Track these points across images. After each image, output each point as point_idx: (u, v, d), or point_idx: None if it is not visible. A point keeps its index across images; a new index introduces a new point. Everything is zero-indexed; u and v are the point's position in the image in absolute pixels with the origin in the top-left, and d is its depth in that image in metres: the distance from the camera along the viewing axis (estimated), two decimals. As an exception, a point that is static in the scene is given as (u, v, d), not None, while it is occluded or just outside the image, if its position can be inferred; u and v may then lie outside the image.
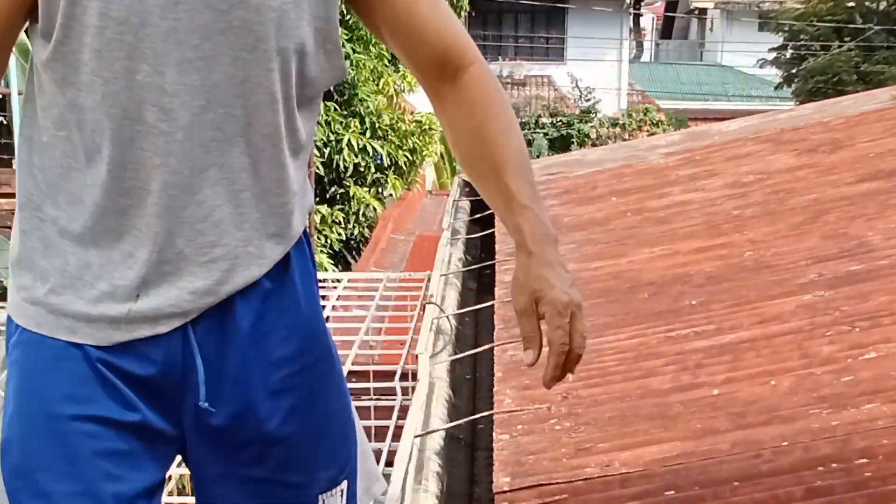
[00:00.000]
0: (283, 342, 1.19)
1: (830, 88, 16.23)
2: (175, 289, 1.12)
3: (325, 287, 3.55)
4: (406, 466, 1.65)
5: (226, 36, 1.06)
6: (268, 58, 1.09)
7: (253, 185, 1.13)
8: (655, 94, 22.63)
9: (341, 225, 9.87)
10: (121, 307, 1.12)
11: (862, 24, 18.25)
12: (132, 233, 1.11)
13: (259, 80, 1.09)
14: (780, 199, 2.94)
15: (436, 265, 2.95)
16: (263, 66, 1.09)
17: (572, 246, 2.94)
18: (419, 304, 2.89)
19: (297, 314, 1.21)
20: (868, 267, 2.22)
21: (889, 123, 3.47)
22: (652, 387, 1.86)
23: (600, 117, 18.82)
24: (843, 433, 1.54)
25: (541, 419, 1.81)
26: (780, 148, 3.56)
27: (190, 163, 1.08)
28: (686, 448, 1.60)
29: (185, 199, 1.09)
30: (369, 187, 10.16)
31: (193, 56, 1.05)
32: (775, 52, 20.09)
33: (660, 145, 4.16)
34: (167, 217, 1.10)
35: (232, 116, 1.09)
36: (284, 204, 1.17)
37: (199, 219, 1.11)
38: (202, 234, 1.12)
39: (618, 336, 2.13)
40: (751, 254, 2.52)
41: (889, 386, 1.66)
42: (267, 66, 1.09)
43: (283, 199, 1.17)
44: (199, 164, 1.09)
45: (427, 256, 4.10)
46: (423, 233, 5.90)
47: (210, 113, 1.07)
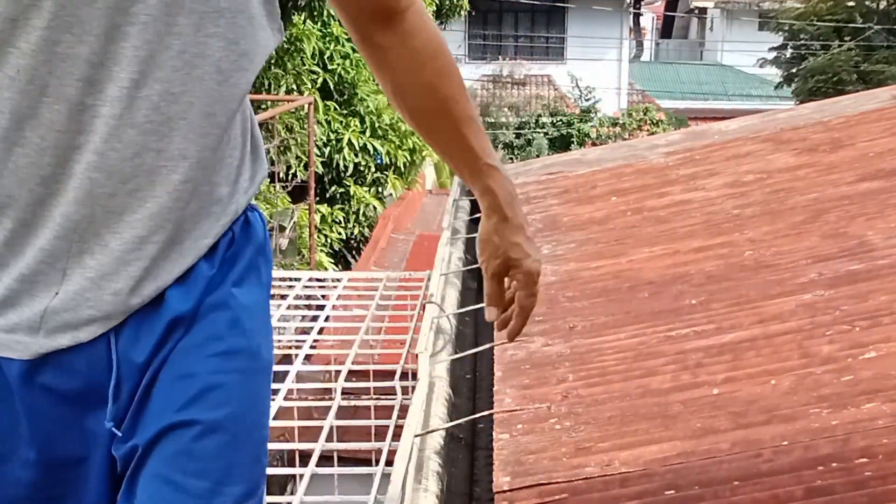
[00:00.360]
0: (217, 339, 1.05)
1: (830, 88, 16.24)
2: (96, 288, 0.98)
3: (326, 287, 3.55)
4: (406, 466, 1.65)
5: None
6: (210, 20, 0.95)
7: (196, 176, 0.99)
8: (655, 93, 22.65)
9: (341, 224, 9.86)
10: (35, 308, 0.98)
11: (862, 23, 18.26)
12: (48, 225, 0.96)
13: (201, 48, 0.95)
14: (780, 199, 2.94)
15: (436, 265, 2.95)
16: (204, 30, 0.95)
17: (572, 245, 2.94)
18: (419, 304, 2.88)
19: (234, 307, 1.07)
20: (868, 267, 2.22)
21: (889, 123, 3.47)
22: (652, 386, 1.86)
23: (600, 117, 18.83)
24: (843, 433, 1.54)
25: (541, 419, 1.81)
26: (780, 147, 3.56)
27: (119, 145, 0.94)
28: (686, 448, 1.60)
29: (112, 187, 0.95)
30: (369, 187, 10.16)
31: (122, 20, 0.91)
32: (775, 51, 20.11)
33: (660, 145, 4.16)
34: (90, 205, 0.95)
35: (171, 94, 0.95)
36: (229, 191, 1.05)
37: (129, 209, 0.97)
38: (132, 228, 0.98)
39: (618, 336, 2.13)
40: (751, 253, 2.52)
41: (889, 385, 1.66)
42: (209, 30, 0.96)
43: (227, 187, 1.05)
44: (130, 148, 0.95)
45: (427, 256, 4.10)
46: (423, 232, 5.90)
47: (144, 89, 0.93)
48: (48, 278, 0.98)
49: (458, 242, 3.23)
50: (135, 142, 0.95)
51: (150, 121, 0.95)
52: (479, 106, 20.52)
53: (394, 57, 1.17)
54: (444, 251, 3.06)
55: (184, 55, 0.95)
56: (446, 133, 1.20)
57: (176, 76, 0.95)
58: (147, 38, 0.92)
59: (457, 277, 2.85)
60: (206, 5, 0.95)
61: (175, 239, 1.01)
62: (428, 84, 1.18)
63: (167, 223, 0.99)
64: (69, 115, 0.93)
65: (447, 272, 2.84)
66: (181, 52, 0.94)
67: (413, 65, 1.17)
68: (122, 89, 0.93)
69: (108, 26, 0.91)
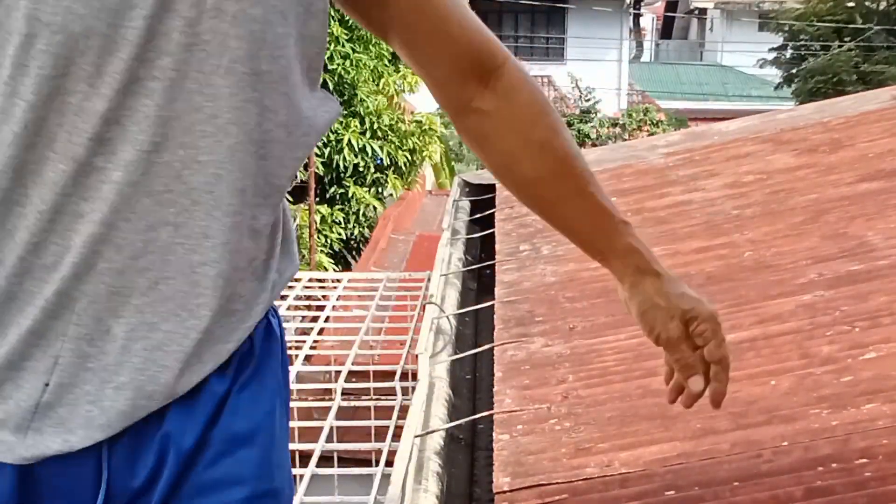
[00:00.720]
0: (237, 483, 0.89)
1: (830, 88, 16.25)
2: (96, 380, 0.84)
3: (326, 287, 3.55)
4: (406, 466, 1.65)
5: (193, 52, 0.80)
6: (248, 84, 0.82)
7: (218, 260, 0.85)
8: (655, 94, 22.67)
9: (341, 225, 9.87)
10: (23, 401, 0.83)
11: (862, 24, 18.26)
12: (36, 302, 0.82)
13: (236, 114, 0.82)
14: (780, 199, 2.94)
15: (436, 265, 2.95)
16: (243, 94, 0.82)
17: (572, 246, 2.93)
18: (419, 304, 2.89)
19: (258, 442, 0.91)
20: (868, 267, 2.22)
21: (889, 123, 3.47)
22: (652, 387, 1.86)
23: (600, 117, 18.83)
24: (843, 433, 1.54)
25: (541, 419, 1.81)
26: (780, 148, 3.56)
27: (131, 215, 0.81)
28: (686, 448, 1.60)
29: (121, 262, 0.82)
30: (369, 187, 10.17)
31: (146, 74, 0.79)
32: (775, 52, 20.12)
33: (660, 145, 4.16)
34: (92, 282, 0.82)
35: (197, 163, 0.81)
36: (254, 287, 0.90)
37: (139, 290, 0.83)
38: (140, 312, 0.84)
39: (618, 336, 2.13)
40: (751, 254, 2.52)
41: (889, 386, 1.66)
42: (247, 94, 0.82)
43: (253, 282, 0.90)
44: (144, 220, 0.82)
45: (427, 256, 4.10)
46: (423, 233, 5.91)
47: (166, 153, 0.81)
48: (37, 365, 0.83)
49: (458, 243, 3.23)
50: (150, 212, 0.82)
51: (169, 190, 0.82)
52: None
53: (499, 121, 1.00)
54: (444, 252, 3.06)
55: (216, 120, 0.82)
56: (574, 198, 1.04)
57: (204, 143, 0.82)
58: (173, 97, 0.80)
59: (457, 278, 2.84)
60: (246, 66, 0.82)
61: (188, 336, 0.86)
62: (543, 144, 1.02)
63: (182, 311, 0.85)
64: (75, 175, 0.80)
65: (447, 273, 2.84)
66: (213, 115, 0.81)
67: (523, 125, 1.01)
68: (140, 152, 0.80)
69: (129, 79, 0.79)
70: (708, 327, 1.04)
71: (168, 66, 0.79)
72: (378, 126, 10.02)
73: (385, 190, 10.26)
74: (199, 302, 0.85)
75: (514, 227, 3.21)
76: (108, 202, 0.81)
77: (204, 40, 0.80)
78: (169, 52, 0.79)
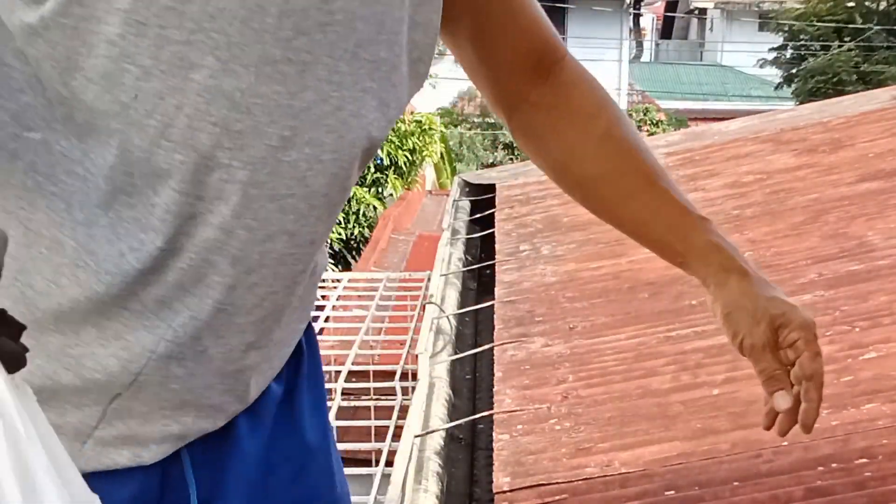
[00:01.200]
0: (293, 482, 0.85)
1: (830, 88, 16.26)
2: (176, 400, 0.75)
3: (325, 287, 3.55)
4: (406, 466, 1.65)
5: (326, 33, 0.69)
6: (365, 73, 0.73)
7: (309, 264, 0.78)
8: (655, 94, 22.67)
9: (341, 225, 9.87)
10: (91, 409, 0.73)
11: (862, 24, 18.27)
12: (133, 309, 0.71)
13: (356, 106, 0.72)
14: (780, 199, 2.94)
15: (436, 265, 2.95)
16: (360, 85, 0.72)
17: (572, 245, 2.94)
18: (419, 304, 2.89)
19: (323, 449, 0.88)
20: (868, 267, 2.22)
21: (889, 123, 3.47)
22: (652, 387, 1.86)
23: (600, 117, 18.81)
24: (843, 433, 1.54)
25: (541, 419, 1.81)
26: (780, 148, 3.56)
27: (252, 222, 0.70)
28: (686, 448, 1.60)
29: (233, 276, 0.71)
30: (369, 187, 10.17)
31: (281, 55, 0.67)
32: (775, 52, 20.12)
33: (660, 145, 4.16)
34: (198, 297, 0.71)
35: (320, 162, 0.71)
36: (315, 285, 0.85)
37: (245, 308, 0.73)
38: (242, 332, 0.74)
39: (618, 336, 2.13)
40: (751, 254, 2.52)
41: (889, 386, 1.66)
42: (363, 85, 0.73)
43: (312, 276, 0.83)
44: (265, 229, 0.71)
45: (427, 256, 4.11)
46: (423, 233, 5.91)
47: (293, 151, 0.70)
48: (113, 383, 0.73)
49: (458, 243, 3.23)
50: (271, 220, 0.71)
51: (292, 194, 0.71)
52: (479, 106, 20.54)
53: (557, 115, 0.94)
54: (444, 251, 3.06)
55: (340, 112, 0.71)
56: (642, 195, 0.94)
57: (329, 139, 0.71)
58: (304, 84, 0.69)
59: (457, 278, 2.84)
60: (367, 52, 0.73)
61: (269, 345, 0.78)
62: (604, 137, 0.93)
63: (276, 327, 0.77)
64: (194, 170, 0.68)
65: (447, 273, 2.84)
66: (338, 108, 0.71)
67: (583, 118, 0.94)
68: (269, 148, 0.69)
69: (263, 58, 0.67)
70: (801, 336, 0.91)
71: (303, 48, 0.68)
72: (378, 126, 10.02)
73: (385, 190, 10.26)
74: (294, 317, 0.79)
75: (514, 227, 3.21)
76: (230, 206, 0.69)
77: (336, 20, 0.69)
78: (305, 31, 0.67)
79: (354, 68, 0.71)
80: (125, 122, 0.66)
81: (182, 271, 0.70)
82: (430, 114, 11.33)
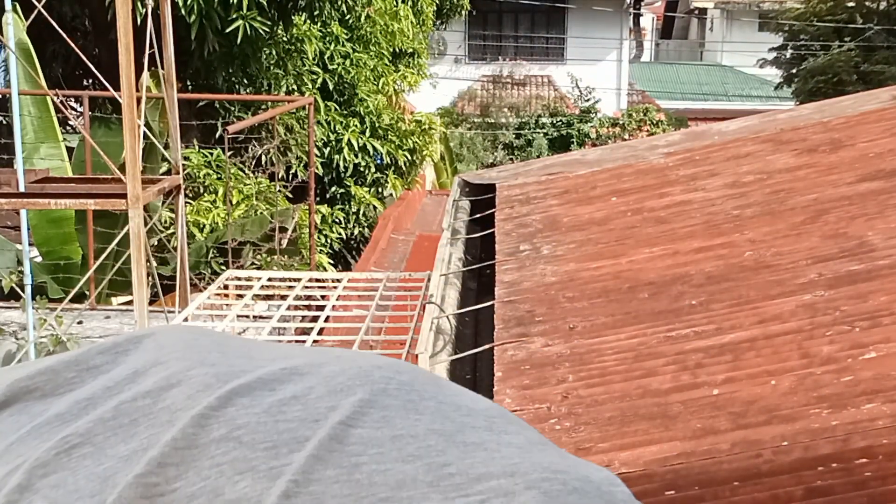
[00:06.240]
0: None
1: (830, 88, 16.27)
2: None
3: (325, 287, 3.55)
4: (406, 466, 1.65)
5: None
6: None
7: None
8: (655, 94, 22.69)
9: (341, 224, 9.88)
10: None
11: (862, 24, 18.27)
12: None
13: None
14: (780, 199, 2.94)
15: (436, 265, 2.95)
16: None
17: (572, 246, 2.94)
18: (419, 304, 2.89)
19: None
20: (868, 267, 2.22)
21: (889, 123, 3.47)
22: (652, 387, 1.86)
23: (600, 117, 18.85)
24: (843, 433, 1.54)
25: (541, 419, 1.81)
26: (780, 148, 3.56)
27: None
28: (686, 448, 1.60)
29: None
30: (369, 187, 10.17)
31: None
32: (775, 52, 20.13)
33: (660, 145, 4.16)
34: None
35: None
36: None
37: None
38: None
39: (618, 336, 2.13)
40: (751, 254, 2.52)
41: (889, 386, 1.66)
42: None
43: None
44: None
45: (427, 256, 4.11)
46: (423, 233, 5.91)
47: None
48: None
49: (458, 243, 3.23)
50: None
51: None
52: (479, 106, 20.54)
53: None
54: (444, 251, 3.06)
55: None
56: None
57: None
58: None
59: (457, 278, 2.84)
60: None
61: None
62: None
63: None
64: None
65: (447, 273, 2.84)
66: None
67: None
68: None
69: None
70: None
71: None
72: (378, 125, 10.02)
73: (385, 190, 10.27)
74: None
75: (514, 227, 3.21)
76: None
77: None
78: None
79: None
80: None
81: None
82: (430, 114, 11.33)
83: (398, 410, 0.46)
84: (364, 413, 0.45)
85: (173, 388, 0.48)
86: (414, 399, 0.47)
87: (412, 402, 0.47)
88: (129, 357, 0.53)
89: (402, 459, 0.42)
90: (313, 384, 0.47)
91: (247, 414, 0.44)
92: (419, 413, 0.46)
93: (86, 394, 0.50)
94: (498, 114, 19.46)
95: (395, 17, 10.79)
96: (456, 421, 0.46)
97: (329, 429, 0.43)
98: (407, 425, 0.45)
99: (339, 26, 9.71)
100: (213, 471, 0.41)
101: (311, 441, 0.43)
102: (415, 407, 0.46)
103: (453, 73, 21.97)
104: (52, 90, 6.15)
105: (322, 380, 0.47)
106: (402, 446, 0.43)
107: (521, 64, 21.54)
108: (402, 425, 0.45)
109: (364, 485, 0.40)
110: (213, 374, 0.48)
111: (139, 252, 4.15)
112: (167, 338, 0.55)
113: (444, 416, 0.46)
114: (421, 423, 0.45)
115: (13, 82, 5.08)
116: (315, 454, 0.42)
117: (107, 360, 0.53)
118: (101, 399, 0.49)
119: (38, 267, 7.00)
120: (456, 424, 0.46)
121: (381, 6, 10.46)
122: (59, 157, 7.33)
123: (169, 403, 0.46)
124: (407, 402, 0.47)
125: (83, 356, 0.54)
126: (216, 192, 8.58)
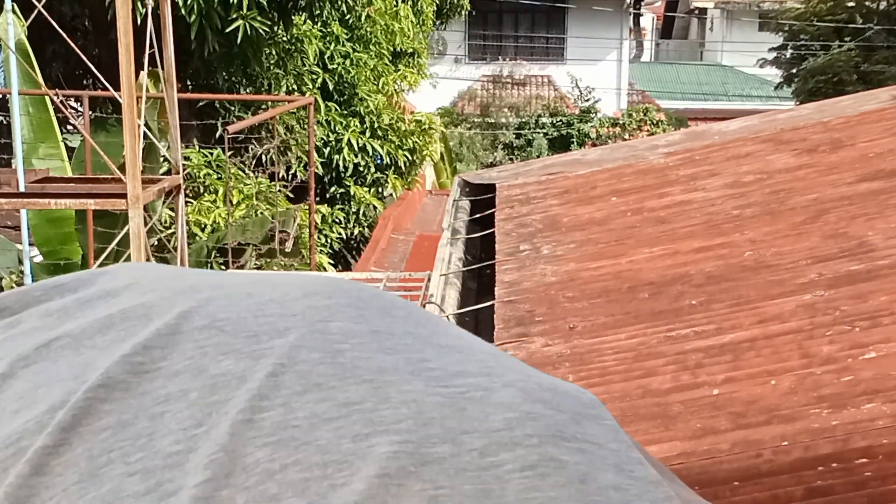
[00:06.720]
0: None
1: (830, 88, 16.27)
2: None
3: (325, 287, 3.55)
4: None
5: None
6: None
7: None
8: (655, 94, 22.70)
9: (341, 224, 9.88)
10: None
11: (862, 24, 18.28)
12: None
13: None
14: (780, 199, 2.94)
15: (436, 265, 2.95)
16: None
17: (572, 246, 2.94)
18: (419, 304, 2.88)
19: None
20: (868, 267, 2.22)
21: (889, 123, 3.47)
22: (652, 387, 1.86)
23: (600, 117, 18.86)
24: (843, 433, 1.54)
25: (541, 419, 1.81)
26: (780, 148, 3.56)
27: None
28: (686, 448, 1.60)
29: None
30: (369, 187, 10.17)
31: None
32: (775, 52, 20.14)
33: (660, 145, 4.16)
34: None
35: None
36: None
37: None
38: None
39: (618, 336, 2.13)
40: (751, 254, 2.52)
41: (889, 386, 1.66)
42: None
43: None
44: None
45: (427, 256, 4.11)
46: (423, 233, 5.91)
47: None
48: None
49: (458, 243, 3.23)
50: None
51: None
52: (479, 106, 20.54)
53: None
54: (444, 251, 3.06)
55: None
56: None
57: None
58: None
59: (457, 278, 2.84)
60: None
61: None
62: None
63: None
64: None
65: (447, 272, 2.84)
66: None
67: None
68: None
69: None
70: None
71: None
72: (378, 125, 10.02)
73: (385, 190, 10.27)
74: None
75: (514, 227, 3.21)
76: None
77: None
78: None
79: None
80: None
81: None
82: (430, 113, 11.33)
83: (374, 312, 0.48)
84: (341, 311, 0.47)
85: (146, 295, 0.49)
86: (386, 305, 0.49)
87: (385, 308, 0.49)
88: (97, 279, 0.55)
89: (383, 351, 0.44)
90: (288, 290, 0.49)
91: (226, 310, 0.46)
92: (393, 317, 0.48)
93: (57, 306, 0.52)
94: (498, 114, 19.47)
95: (395, 17, 10.80)
96: (428, 328, 0.48)
97: (309, 321, 0.45)
98: (384, 324, 0.47)
99: (339, 26, 9.71)
100: (196, 352, 0.43)
101: (292, 331, 0.44)
102: (388, 312, 0.48)
103: (453, 72, 21.98)
104: (51, 90, 6.15)
105: (297, 286, 0.50)
106: (381, 340, 0.45)
107: (521, 64, 21.55)
108: (379, 324, 0.46)
109: (348, 367, 0.42)
110: (188, 286, 0.50)
111: (139, 252, 4.15)
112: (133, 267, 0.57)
113: (417, 322, 0.48)
114: (396, 324, 0.47)
115: (13, 82, 5.08)
116: (297, 343, 0.44)
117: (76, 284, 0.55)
118: (74, 308, 0.51)
119: (39, 267, 7.00)
120: (429, 330, 0.48)
121: (381, 6, 10.46)
122: (59, 158, 7.33)
123: (147, 308, 0.48)
124: (381, 307, 0.49)
125: (50, 280, 0.56)
126: (216, 192, 8.59)
